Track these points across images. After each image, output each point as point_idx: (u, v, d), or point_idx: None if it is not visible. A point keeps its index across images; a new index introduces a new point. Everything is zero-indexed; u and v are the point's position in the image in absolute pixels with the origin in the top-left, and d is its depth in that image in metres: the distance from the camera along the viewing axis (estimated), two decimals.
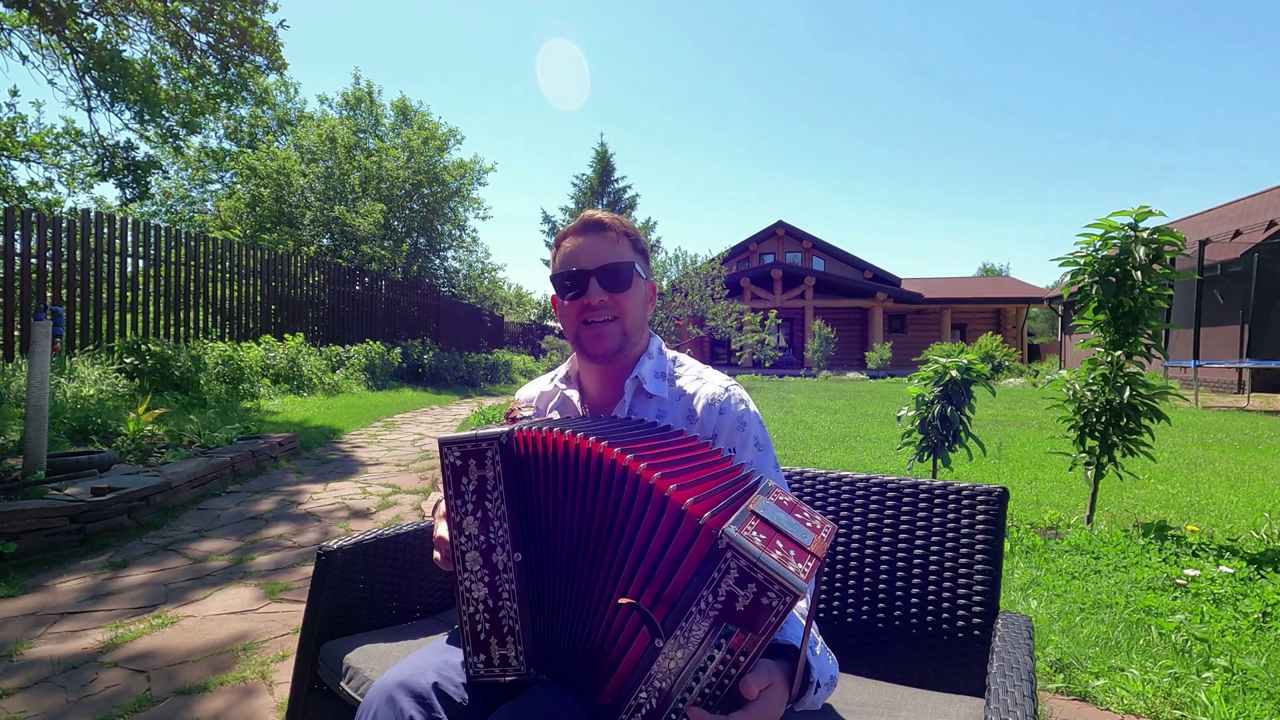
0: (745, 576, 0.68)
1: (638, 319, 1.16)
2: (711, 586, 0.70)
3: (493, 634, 0.89)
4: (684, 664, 0.72)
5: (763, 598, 0.68)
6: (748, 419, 1.12)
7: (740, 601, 0.68)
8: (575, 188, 26.70)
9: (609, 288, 1.12)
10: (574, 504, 0.85)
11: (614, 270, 1.12)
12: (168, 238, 8.98)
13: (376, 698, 0.92)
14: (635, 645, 0.76)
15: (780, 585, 0.67)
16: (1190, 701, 1.82)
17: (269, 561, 3.09)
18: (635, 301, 1.15)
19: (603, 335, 1.12)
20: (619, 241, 1.14)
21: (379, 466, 5.34)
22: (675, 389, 1.17)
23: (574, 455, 0.85)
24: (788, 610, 0.67)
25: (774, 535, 0.74)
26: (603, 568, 0.81)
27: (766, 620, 0.68)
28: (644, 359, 1.19)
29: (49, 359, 3.65)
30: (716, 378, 1.18)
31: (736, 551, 0.68)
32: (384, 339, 13.73)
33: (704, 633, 0.70)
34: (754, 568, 0.67)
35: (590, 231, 1.14)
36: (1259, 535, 3.32)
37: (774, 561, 0.68)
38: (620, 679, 0.77)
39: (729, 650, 0.70)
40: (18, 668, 2.06)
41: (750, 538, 0.70)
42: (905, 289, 26.51)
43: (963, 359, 3.48)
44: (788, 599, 0.67)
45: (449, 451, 0.89)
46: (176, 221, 21.76)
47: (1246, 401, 11.29)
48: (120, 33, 9.48)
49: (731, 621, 0.69)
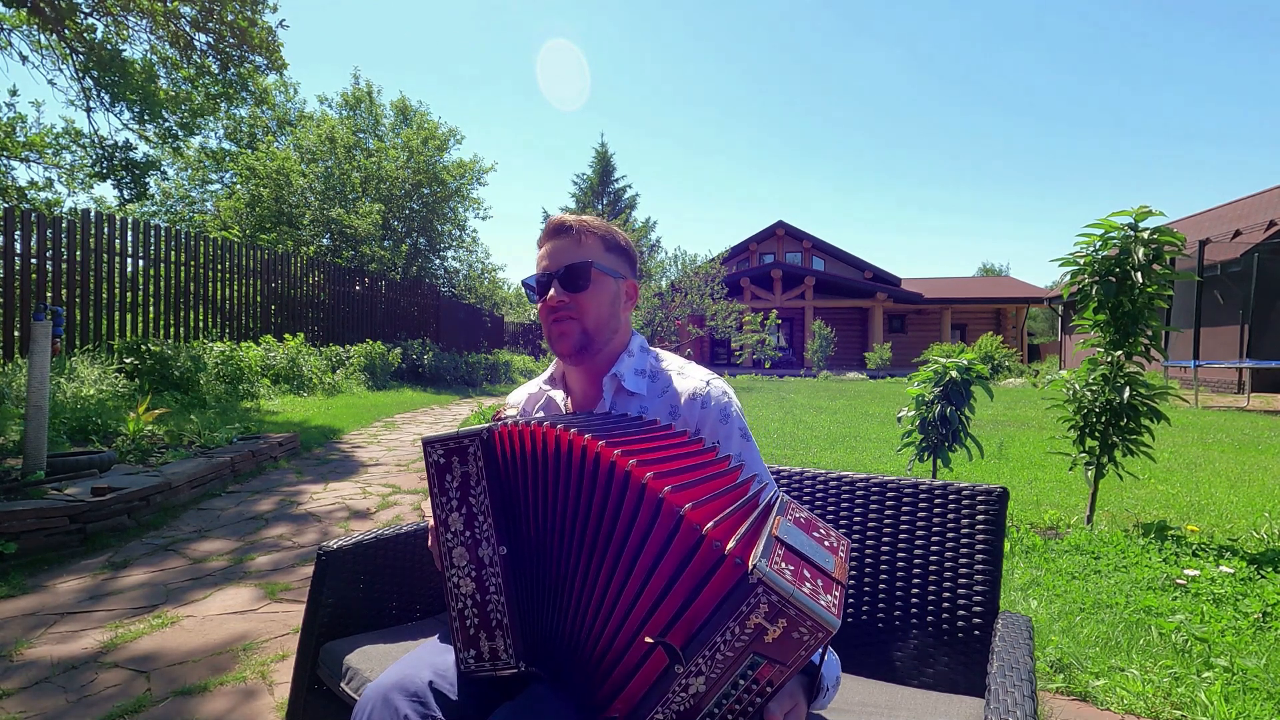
0: (776, 612, 0.67)
1: (601, 317, 1.18)
2: (739, 619, 0.68)
3: (481, 628, 0.89)
4: (705, 690, 0.71)
5: (794, 632, 0.67)
6: (730, 411, 1.14)
7: (770, 634, 0.67)
8: (576, 187, 26.75)
9: (567, 288, 1.15)
10: (559, 498, 0.86)
11: (572, 270, 1.15)
12: (167, 238, 8.98)
13: (372, 698, 0.92)
14: (650, 664, 0.75)
15: (813, 622, 0.66)
16: (1190, 701, 1.82)
17: (269, 562, 3.09)
18: (597, 300, 1.17)
19: (564, 334, 1.16)
20: (582, 242, 1.18)
21: (379, 466, 5.34)
22: (656, 385, 1.19)
23: (554, 449, 0.87)
24: (819, 645, 0.66)
25: (801, 565, 0.72)
26: (603, 571, 0.80)
27: (796, 654, 0.67)
28: (623, 357, 1.20)
29: (49, 359, 3.65)
30: (698, 372, 1.20)
31: (768, 587, 0.66)
32: (384, 339, 13.72)
33: (729, 662, 0.69)
34: (786, 604, 0.66)
35: (555, 235, 1.19)
36: (1259, 535, 3.32)
37: (806, 597, 0.67)
38: (631, 695, 0.76)
39: (754, 680, 0.69)
40: (17, 668, 2.05)
41: (780, 570, 0.69)
42: (905, 289, 26.51)
43: (962, 359, 3.48)
44: (820, 634, 0.66)
45: (432, 450, 0.90)
46: (176, 221, 21.75)
47: (1246, 401, 11.30)
48: (120, 33, 9.48)
49: (759, 653, 0.68)
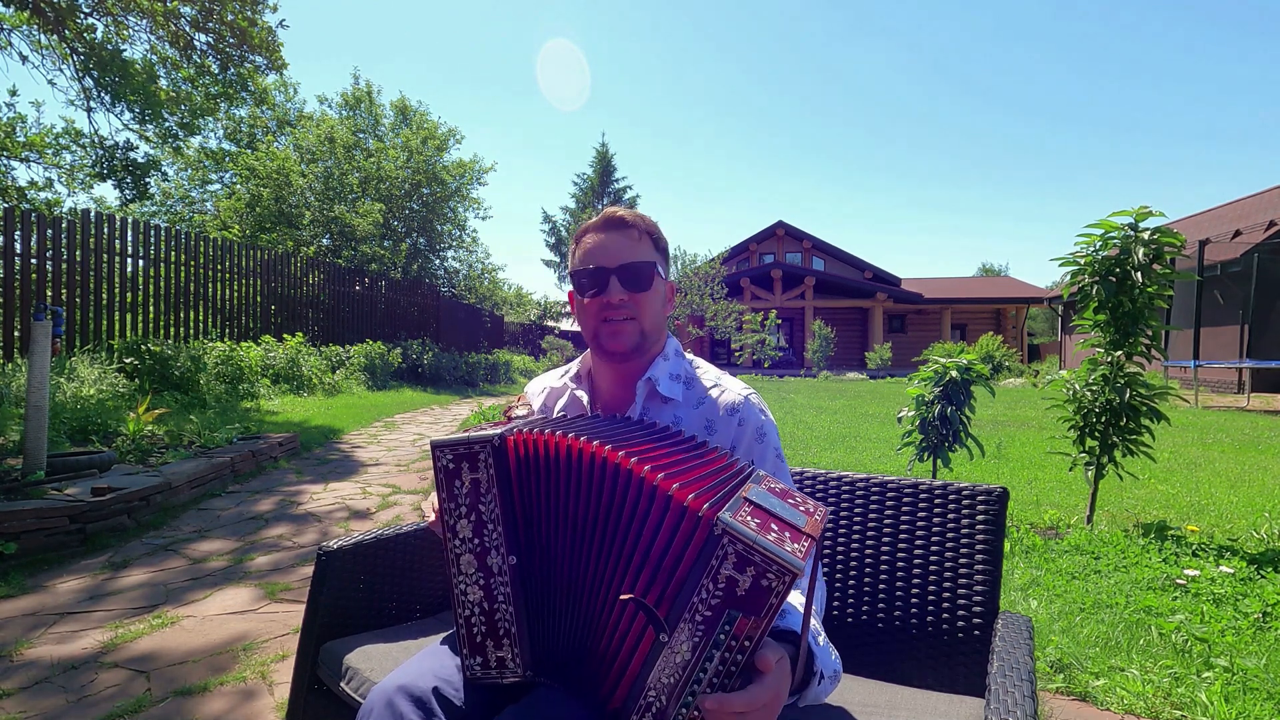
0: (743, 560, 0.69)
1: (656, 319, 1.15)
2: (711, 575, 0.71)
3: (489, 637, 0.88)
4: (690, 656, 0.72)
5: (762, 580, 0.69)
6: (767, 429, 1.11)
7: (740, 586, 0.69)
8: (576, 187, 26.73)
9: (629, 287, 1.11)
10: (571, 505, 0.85)
11: (634, 269, 1.11)
12: (167, 238, 8.98)
13: (376, 702, 0.91)
14: (642, 645, 0.75)
15: (778, 565, 0.68)
16: (1190, 701, 1.82)
17: (269, 562, 3.09)
18: (654, 301, 1.14)
19: (620, 333, 1.11)
20: (641, 240, 1.14)
21: (379, 466, 5.34)
22: (692, 394, 1.15)
23: (567, 456, 0.85)
24: (788, 590, 0.68)
25: (768, 519, 0.74)
26: (606, 570, 0.81)
27: (767, 602, 0.69)
28: (659, 360, 1.17)
29: (49, 359, 3.64)
30: (735, 384, 1.16)
31: (732, 536, 0.69)
32: (384, 339, 13.72)
33: (708, 622, 0.71)
34: (751, 550, 0.68)
35: (612, 228, 1.13)
36: (1259, 535, 3.32)
37: (770, 543, 0.69)
38: (629, 680, 0.77)
39: (734, 636, 0.71)
40: (17, 668, 2.05)
41: (745, 522, 0.71)
42: (905, 289, 26.51)
43: (963, 359, 3.48)
44: (786, 578, 0.68)
45: (441, 454, 0.88)
46: (176, 221, 21.73)
47: (1246, 401, 11.30)
48: (120, 33, 9.48)
49: (734, 607, 0.70)
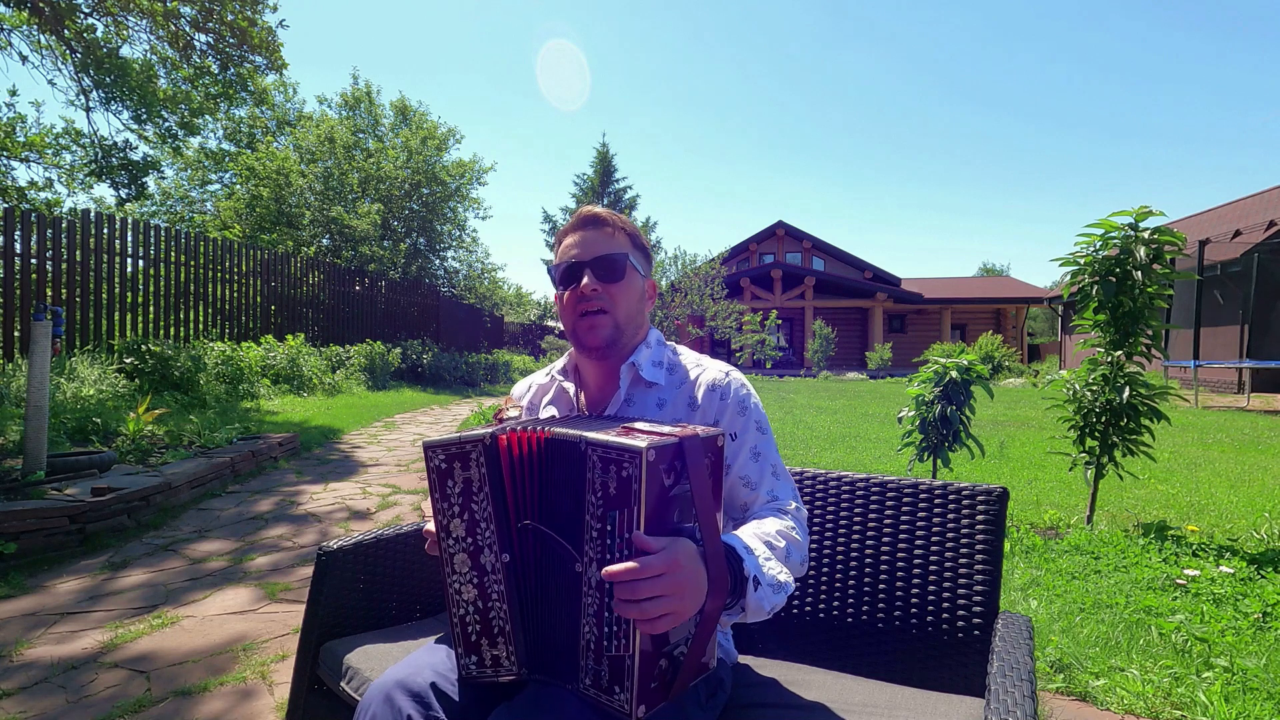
0: (606, 460, 0.77)
1: (631, 312, 1.17)
2: (591, 489, 0.79)
3: (483, 635, 0.89)
4: (599, 576, 0.78)
5: (621, 472, 0.75)
6: (749, 404, 1.13)
7: (612, 486, 0.76)
8: (576, 187, 26.67)
9: (602, 278, 1.13)
10: (553, 495, 0.86)
11: (607, 261, 1.13)
12: (167, 238, 8.98)
13: (374, 697, 0.92)
14: (599, 608, 0.80)
15: (629, 452, 0.74)
16: (1190, 701, 1.82)
17: (268, 562, 3.09)
18: (629, 294, 1.16)
19: (595, 326, 1.13)
20: (615, 234, 1.17)
21: (379, 467, 5.34)
22: (675, 377, 1.17)
23: (547, 446, 0.87)
24: (642, 473, 0.73)
25: (634, 433, 0.81)
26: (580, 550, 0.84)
27: (631, 489, 0.74)
28: (641, 348, 1.19)
29: (49, 359, 3.64)
30: (716, 364, 1.19)
31: (591, 444, 0.78)
32: (384, 339, 13.72)
33: (602, 535, 0.78)
34: (606, 449, 0.77)
35: (587, 226, 1.16)
36: (1259, 535, 3.32)
37: (619, 440, 0.76)
38: (583, 640, 0.82)
39: (620, 536, 0.76)
40: (16, 668, 2.05)
41: (607, 434, 0.79)
42: (905, 289, 26.51)
43: (963, 359, 3.48)
44: (637, 460, 0.73)
45: (433, 455, 0.90)
46: (176, 222, 21.73)
47: (1246, 401, 11.30)
48: (119, 33, 9.48)
49: (612, 508, 0.77)
